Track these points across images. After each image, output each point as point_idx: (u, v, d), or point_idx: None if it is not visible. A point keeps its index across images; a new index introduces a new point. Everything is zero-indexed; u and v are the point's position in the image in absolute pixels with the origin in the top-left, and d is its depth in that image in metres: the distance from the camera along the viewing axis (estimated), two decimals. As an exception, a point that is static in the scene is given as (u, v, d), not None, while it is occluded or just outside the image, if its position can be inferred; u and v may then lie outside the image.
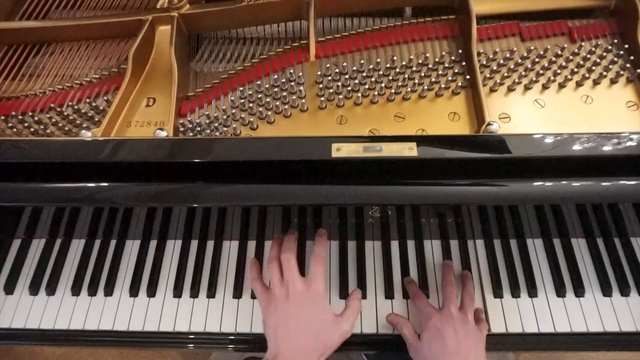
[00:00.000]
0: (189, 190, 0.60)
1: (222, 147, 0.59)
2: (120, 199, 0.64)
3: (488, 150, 0.59)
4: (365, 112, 0.71)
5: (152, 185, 0.63)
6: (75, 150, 0.63)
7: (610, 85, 0.73)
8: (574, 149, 0.58)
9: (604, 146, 0.59)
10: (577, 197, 0.60)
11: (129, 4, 0.86)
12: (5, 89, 0.76)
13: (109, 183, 0.63)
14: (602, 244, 0.77)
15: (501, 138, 0.60)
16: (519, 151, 0.58)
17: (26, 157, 0.63)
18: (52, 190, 0.64)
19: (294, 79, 0.73)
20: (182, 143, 0.62)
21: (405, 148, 0.58)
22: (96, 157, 0.62)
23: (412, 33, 0.79)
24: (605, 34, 0.78)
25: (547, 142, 0.59)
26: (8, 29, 0.80)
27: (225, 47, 0.83)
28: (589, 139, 0.59)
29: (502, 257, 0.76)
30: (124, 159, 0.61)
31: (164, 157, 0.61)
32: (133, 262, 0.77)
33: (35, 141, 0.65)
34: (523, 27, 0.79)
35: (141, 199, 0.64)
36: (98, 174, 0.63)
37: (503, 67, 0.74)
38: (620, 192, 0.61)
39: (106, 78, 0.77)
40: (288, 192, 0.60)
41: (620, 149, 0.59)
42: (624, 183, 0.59)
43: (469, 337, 0.63)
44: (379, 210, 0.69)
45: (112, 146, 0.62)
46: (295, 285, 0.63)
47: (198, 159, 0.59)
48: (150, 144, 0.62)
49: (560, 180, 0.59)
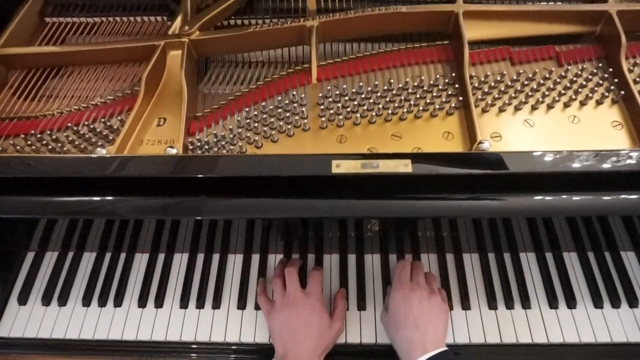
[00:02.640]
0: (202, 203, 0.64)
1: (234, 163, 0.63)
2: (129, 212, 0.68)
3: (479, 166, 0.62)
4: (364, 132, 0.75)
5: (160, 199, 0.66)
6: (87, 166, 0.66)
7: (596, 106, 0.77)
8: (559, 165, 0.62)
9: (588, 162, 0.63)
10: (563, 211, 0.63)
11: (142, 30, 0.91)
12: (25, 108, 0.81)
13: (118, 197, 0.67)
14: (593, 258, 0.80)
15: (492, 155, 0.64)
16: (508, 167, 0.62)
17: (39, 172, 0.67)
18: (65, 203, 0.68)
19: (296, 101, 0.78)
20: (191, 160, 0.66)
21: (400, 165, 0.62)
22: (108, 173, 0.65)
23: (409, 57, 0.83)
24: (590, 58, 0.83)
25: (535, 158, 0.63)
26: (29, 54, 0.85)
27: (232, 70, 0.87)
28: (574, 156, 0.63)
29: (496, 270, 0.79)
30: (132, 175, 0.65)
31: (174, 173, 0.65)
32: (142, 274, 0.81)
33: (49, 158, 0.69)
34: (513, 52, 0.83)
35: (150, 212, 0.68)
36: (108, 189, 0.67)
37: (494, 89, 0.78)
38: (604, 207, 0.64)
39: (120, 99, 0.81)
40: (291, 206, 0.63)
41: (602, 165, 0.62)
42: (609, 198, 0.62)
43: (433, 307, 0.69)
44: (378, 224, 0.73)
45: (121, 162, 0.66)
46: (296, 294, 0.72)
47: (214, 175, 0.63)
48: (157, 161, 0.66)
49: (547, 194, 0.62)
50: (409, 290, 0.70)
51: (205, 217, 0.69)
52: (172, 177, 0.65)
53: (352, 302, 0.77)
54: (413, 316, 0.67)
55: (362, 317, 0.75)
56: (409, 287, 0.70)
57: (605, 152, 0.62)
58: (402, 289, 0.70)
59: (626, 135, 0.73)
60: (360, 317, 0.75)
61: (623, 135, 0.73)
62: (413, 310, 0.67)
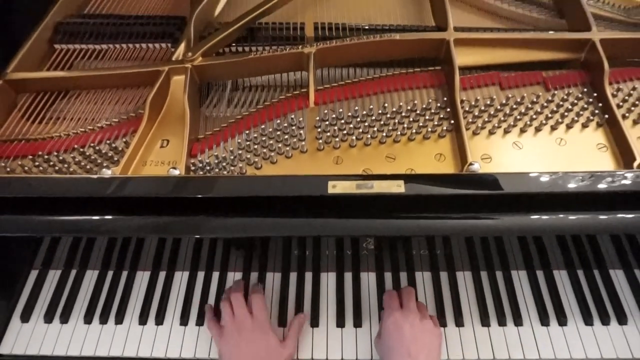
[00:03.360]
0: (203, 222, 0.67)
1: (233, 183, 0.66)
2: (131, 230, 0.71)
3: (469, 187, 0.65)
4: (359, 153, 0.78)
5: (161, 218, 0.69)
6: (91, 186, 0.69)
7: (582, 129, 0.80)
8: (545, 185, 0.65)
9: (574, 183, 0.66)
10: (552, 230, 0.66)
11: (147, 55, 0.94)
12: (33, 130, 0.84)
13: (120, 216, 0.69)
14: (582, 276, 0.83)
15: (481, 176, 0.67)
16: (496, 188, 0.64)
17: (43, 192, 0.69)
18: (69, 222, 0.70)
19: (295, 124, 0.81)
20: (192, 181, 0.69)
21: (394, 185, 0.65)
22: (111, 193, 0.68)
23: (402, 82, 0.87)
24: (576, 83, 0.86)
25: (522, 179, 0.66)
26: (37, 79, 0.88)
27: (233, 94, 0.91)
28: (560, 177, 0.66)
29: (488, 287, 0.81)
30: (134, 194, 0.68)
31: (174, 193, 0.68)
32: (143, 292, 0.83)
33: (52, 179, 0.72)
34: (502, 77, 0.87)
35: (151, 231, 0.71)
36: (110, 208, 0.70)
37: (484, 113, 0.82)
38: (594, 225, 0.67)
39: (124, 121, 0.84)
40: (289, 225, 0.66)
41: (587, 185, 0.65)
42: (601, 217, 0.65)
43: (425, 332, 0.69)
44: (373, 242, 0.75)
45: (123, 183, 0.69)
46: (243, 317, 0.73)
47: (216, 195, 0.66)
48: (159, 181, 0.69)
49: (534, 214, 0.65)
50: (400, 316, 0.70)
51: (208, 235, 0.71)
52: (173, 197, 0.67)
53: (348, 319, 0.79)
54: (406, 342, 0.67)
55: (358, 334, 0.77)
56: (400, 313, 0.71)
57: (591, 173, 0.66)
58: (393, 316, 0.71)
59: (611, 157, 0.76)
60: (356, 333, 0.77)
61: (608, 157, 0.76)
62: (405, 336, 0.68)
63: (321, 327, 0.78)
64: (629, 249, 0.80)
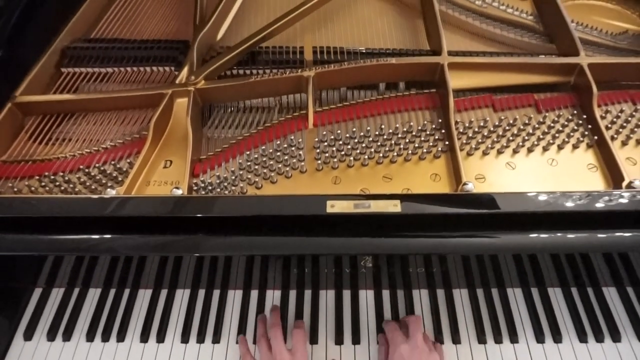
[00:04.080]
0: (208, 241, 0.68)
1: (235, 203, 0.69)
2: (133, 249, 0.72)
3: (463, 206, 0.67)
4: (357, 173, 0.80)
5: (163, 237, 0.71)
6: (95, 206, 0.71)
7: (572, 149, 0.82)
8: (538, 205, 0.67)
9: (566, 202, 0.68)
10: (543, 248, 0.68)
11: (150, 78, 0.97)
12: (40, 151, 0.86)
13: (122, 235, 0.71)
14: (576, 293, 0.84)
15: (474, 196, 0.70)
16: (489, 207, 0.67)
17: (47, 212, 0.71)
18: (69, 241, 0.72)
19: (294, 144, 0.83)
20: (196, 200, 0.71)
21: (390, 205, 0.67)
22: (116, 213, 0.70)
23: (398, 104, 0.89)
24: (567, 105, 0.89)
25: (515, 199, 0.68)
26: (44, 101, 0.91)
27: (234, 115, 0.93)
28: (553, 197, 0.68)
29: (484, 305, 0.83)
30: (135, 214, 0.70)
31: (178, 212, 0.70)
32: (145, 310, 0.84)
33: (54, 198, 0.74)
34: (495, 99, 0.90)
35: (152, 249, 0.73)
36: (113, 227, 0.71)
37: (478, 134, 0.84)
38: (578, 244, 0.69)
39: (129, 142, 0.86)
40: (288, 243, 0.68)
41: (578, 205, 0.67)
42: (579, 236, 0.67)
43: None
44: (371, 260, 0.77)
45: (126, 202, 0.71)
46: (282, 356, 0.71)
47: (219, 214, 0.68)
48: (160, 201, 0.71)
49: (525, 233, 0.67)
50: (407, 352, 0.68)
51: (209, 254, 0.73)
52: (175, 217, 0.69)
53: (347, 337, 0.80)
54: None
55: (357, 351, 0.78)
56: (407, 348, 0.69)
57: (581, 193, 0.68)
58: (398, 352, 0.69)
59: (601, 177, 0.79)
60: (355, 350, 0.78)
61: (598, 177, 0.79)
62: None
63: (320, 344, 0.79)
64: (621, 266, 0.82)
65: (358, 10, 1.08)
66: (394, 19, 1.07)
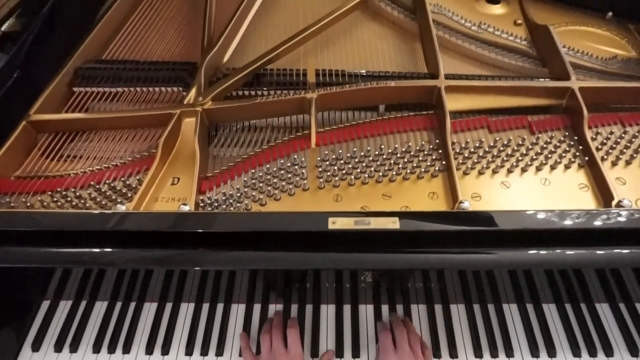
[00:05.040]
0: (214, 255, 0.71)
1: (241, 219, 0.72)
2: (146, 262, 0.75)
3: (458, 223, 0.70)
4: (357, 192, 0.83)
5: (172, 251, 0.74)
6: (103, 221, 0.73)
7: (565, 170, 0.86)
8: (531, 223, 0.70)
9: (559, 220, 0.71)
10: (535, 264, 0.71)
11: (159, 98, 1.01)
12: (52, 168, 0.89)
13: (129, 249, 0.74)
14: (570, 309, 0.86)
15: (470, 214, 0.73)
16: (483, 225, 0.70)
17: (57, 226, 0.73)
18: (79, 254, 0.75)
19: (297, 163, 0.87)
20: (207, 216, 0.74)
21: (389, 222, 0.70)
22: (125, 227, 0.73)
23: (397, 125, 0.93)
24: (559, 127, 0.93)
25: (509, 216, 0.71)
26: (57, 120, 0.94)
27: (239, 134, 0.97)
28: (546, 215, 0.71)
29: (481, 320, 0.85)
30: (145, 229, 0.72)
31: (188, 228, 0.73)
32: (150, 322, 0.86)
33: (58, 213, 0.77)
34: (490, 121, 0.93)
35: (159, 263, 0.75)
36: (119, 241, 0.74)
37: (474, 154, 0.88)
38: (572, 260, 0.72)
39: (138, 160, 0.89)
40: (292, 258, 0.71)
41: (571, 222, 0.70)
42: (566, 252, 0.70)
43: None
44: (370, 275, 0.79)
45: (133, 218, 0.74)
46: (280, 351, 0.77)
47: (223, 230, 0.71)
48: (167, 217, 0.74)
49: (520, 250, 0.70)
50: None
51: (217, 268, 0.76)
52: (182, 232, 0.72)
53: (347, 350, 0.82)
54: None
55: (356, 365, 0.80)
56: (394, 357, 0.74)
57: (572, 211, 0.71)
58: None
59: (592, 196, 0.82)
60: (355, 364, 0.81)
61: (589, 196, 0.82)
62: None
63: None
64: (613, 284, 0.84)
65: (359, 34, 1.13)
66: (393, 43, 1.11)
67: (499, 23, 1.15)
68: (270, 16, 1.17)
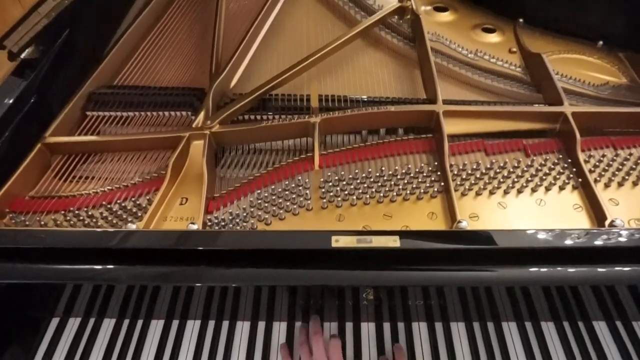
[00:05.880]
0: (223, 272, 0.74)
1: (248, 237, 0.75)
2: (159, 280, 0.78)
3: (456, 242, 0.73)
4: (359, 212, 0.86)
5: (184, 268, 0.76)
6: (112, 239, 0.76)
7: (559, 191, 0.89)
8: (527, 241, 0.73)
9: (553, 239, 0.74)
10: (531, 282, 0.73)
11: (168, 122, 1.05)
12: (65, 188, 0.93)
13: (135, 265, 0.76)
14: (568, 327, 0.88)
15: (467, 233, 0.76)
16: (480, 243, 0.72)
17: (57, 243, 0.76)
18: (87, 271, 0.77)
19: (301, 184, 0.90)
20: (218, 234, 0.77)
21: (390, 240, 0.73)
22: (136, 245, 0.76)
23: (398, 148, 0.97)
24: (553, 150, 0.96)
25: (504, 235, 0.74)
26: (71, 142, 0.98)
27: (245, 156, 1.00)
28: (540, 233, 0.74)
29: (480, 337, 0.87)
30: (156, 246, 0.75)
31: (198, 245, 0.75)
32: (157, 339, 0.88)
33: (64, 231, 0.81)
34: (487, 144, 0.97)
35: (177, 280, 0.78)
36: (128, 258, 0.77)
37: (471, 176, 0.91)
38: (567, 278, 0.74)
39: (147, 181, 0.93)
40: (297, 275, 0.73)
41: (566, 241, 0.73)
42: (568, 271, 0.73)
43: None
44: (372, 293, 0.82)
45: (143, 235, 0.76)
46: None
47: (230, 247, 0.74)
48: (180, 235, 0.77)
49: (516, 267, 0.73)
50: None
51: (226, 284, 0.78)
52: (192, 249, 0.75)
53: (349, 368, 0.84)
54: None
55: (358, 382, 0.82)
56: None
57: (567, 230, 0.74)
58: None
59: (586, 216, 0.85)
60: (357, 381, 0.82)
61: (583, 216, 0.85)
62: None
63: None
64: (610, 302, 0.86)
65: (360, 61, 1.18)
66: (393, 70, 1.16)
67: (494, 51, 1.20)
68: (275, 44, 1.23)
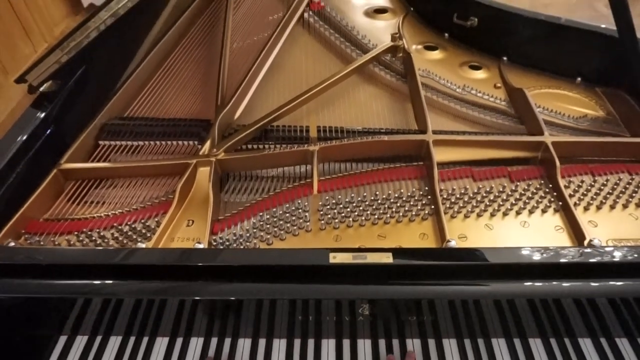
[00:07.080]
0: (229, 286, 0.79)
1: (253, 255, 0.81)
2: (156, 293, 0.82)
3: (445, 259, 0.79)
4: (355, 233, 0.92)
5: (193, 283, 0.80)
6: (121, 256, 0.81)
7: (542, 213, 0.95)
8: (511, 258, 0.79)
9: (534, 256, 0.79)
10: (516, 295, 0.79)
11: (176, 150, 1.12)
12: (78, 211, 0.98)
13: (144, 281, 0.81)
14: (555, 343, 0.92)
15: (455, 250, 0.81)
16: (468, 260, 0.78)
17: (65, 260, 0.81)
18: (97, 287, 0.82)
19: (300, 207, 0.96)
20: (227, 252, 0.83)
21: (384, 257, 0.78)
22: (143, 261, 0.81)
23: (390, 174, 1.04)
24: (536, 176, 1.03)
25: (489, 252, 0.80)
26: (84, 168, 1.05)
27: (248, 183, 1.07)
28: (521, 250, 0.80)
29: (471, 353, 0.90)
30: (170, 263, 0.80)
31: (205, 262, 0.80)
32: (162, 356, 0.91)
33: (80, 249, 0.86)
34: (474, 171, 1.04)
35: (186, 294, 0.82)
36: (136, 274, 0.81)
37: (460, 200, 0.97)
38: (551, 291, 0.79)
39: (156, 204, 0.98)
40: (296, 289, 0.78)
41: (545, 257, 0.79)
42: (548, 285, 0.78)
43: None
44: (368, 308, 0.86)
45: (150, 254, 0.82)
46: None
47: (236, 264, 0.79)
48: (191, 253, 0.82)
49: (501, 282, 0.78)
50: None
51: (232, 297, 0.82)
52: (200, 265, 0.80)
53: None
54: None
55: (356, 396, 0.85)
56: None
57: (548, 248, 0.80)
58: None
59: (567, 237, 0.91)
60: (354, 395, 0.85)
61: (564, 236, 0.91)
62: None
63: (322, 390, 0.86)
64: (594, 319, 0.91)
65: (356, 95, 1.26)
66: (387, 103, 1.24)
67: (480, 86, 1.29)
68: (276, 79, 1.31)
